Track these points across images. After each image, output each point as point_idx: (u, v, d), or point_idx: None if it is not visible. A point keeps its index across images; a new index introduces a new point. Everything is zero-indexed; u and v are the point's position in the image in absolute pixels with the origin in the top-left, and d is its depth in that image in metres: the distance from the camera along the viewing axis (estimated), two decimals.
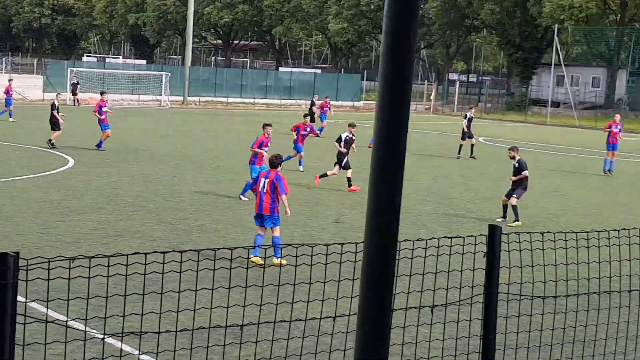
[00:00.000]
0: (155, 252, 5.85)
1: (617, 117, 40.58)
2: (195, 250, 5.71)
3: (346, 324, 6.59)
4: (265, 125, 25.17)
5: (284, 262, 14.42)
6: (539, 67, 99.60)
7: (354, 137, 29.50)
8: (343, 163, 28.59)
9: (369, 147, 43.38)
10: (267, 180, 16.67)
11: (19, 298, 4.76)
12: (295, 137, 34.33)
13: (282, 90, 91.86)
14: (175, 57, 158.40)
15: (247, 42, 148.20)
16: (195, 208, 23.02)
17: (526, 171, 23.38)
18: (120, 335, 5.61)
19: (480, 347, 5.96)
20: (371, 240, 3.59)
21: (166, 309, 6.44)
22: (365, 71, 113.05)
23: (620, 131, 38.50)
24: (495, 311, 5.92)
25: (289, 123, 61.66)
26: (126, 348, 10.35)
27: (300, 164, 33.60)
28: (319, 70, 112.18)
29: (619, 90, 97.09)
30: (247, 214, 22.35)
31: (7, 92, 53.22)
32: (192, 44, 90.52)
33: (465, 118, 43.32)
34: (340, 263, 6.60)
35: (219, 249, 5.98)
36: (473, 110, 45.96)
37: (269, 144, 25.15)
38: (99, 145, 36.65)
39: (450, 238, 6.33)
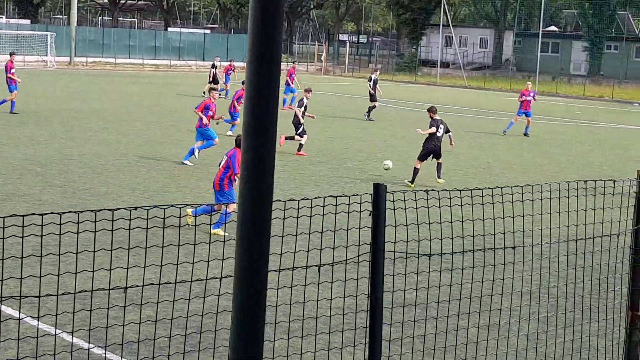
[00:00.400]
0: (51, 212, 5.78)
1: (529, 84, 40.92)
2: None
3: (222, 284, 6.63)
4: (211, 90, 25.31)
5: (220, 233, 14.71)
6: (427, 27, 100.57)
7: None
8: (300, 130, 28.27)
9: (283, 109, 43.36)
10: (225, 158, 16.69)
11: None
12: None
13: (171, 50, 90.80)
14: (61, 16, 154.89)
15: (134, 2, 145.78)
16: (83, 171, 22.71)
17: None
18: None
19: (368, 306, 6.07)
20: (245, 199, 3.62)
21: (46, 272, 6.38)
22: None
23: (534, 97, 38.76)
24: (382, 269, 6.02)
25: (179, 84, 61.26)
26: (8, 311, 10.24)
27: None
28: (208, 31, 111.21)
29: (506, 51, 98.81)
30: (136, 176, 22.18)
31: None
32: (78, 3, 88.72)
33: (370, 80, 43.67)
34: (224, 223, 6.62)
35: (117, 209, 5.93)
36: (377, 72, 46.20)
37: (214, 109, 25.23)
38: (12, 108, 36.13)
39: (336, 197, 6.40)
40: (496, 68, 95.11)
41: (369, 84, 43.37)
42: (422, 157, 23.41)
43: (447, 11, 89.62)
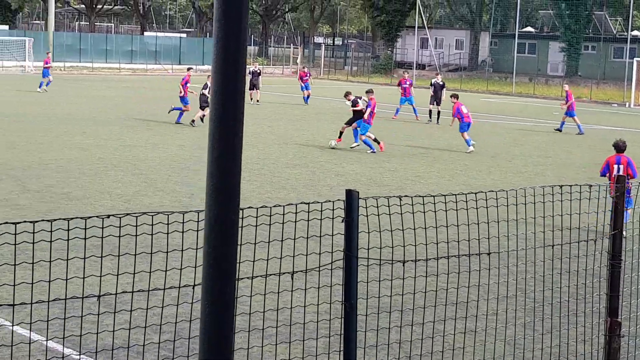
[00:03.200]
0: (25, 221, 5.87)
1: (566, 86, 43.47)
2: (64, 219, 5.74)
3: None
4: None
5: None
6: (403, 29, 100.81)
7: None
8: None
9: (393, 118, 43.69)
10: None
11: None
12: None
13: (147, 55, 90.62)
14: (39, 22, 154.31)
15: (110, 7, 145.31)
16: (61, 175, 22.73)
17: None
18: None
19: (342, 313, 6.14)
20: (212, 208, 3.71)
21: (37, 279, 6.46)
22: None
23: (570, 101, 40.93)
24: (356, 276, 6.07)
25: (156, 88, 61.14)
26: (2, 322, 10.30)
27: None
28: (184, 35, 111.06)
29: (482, 52, 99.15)
30: (113, 180, 22.23)
31: None
32: (55, 8, 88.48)
33: (432, 85, 44.42)
34: (197, 231, 6.70)
35: (89, 217, 6.02)
36: (440, 76, 46.79)
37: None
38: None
39: (308, 204, 6.47)
40: (472, 69, 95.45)
41: (431, 89, 44.33)
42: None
43: (422, 13, 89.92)
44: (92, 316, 8.72)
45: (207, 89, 38.18)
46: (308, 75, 54.55)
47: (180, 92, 37.59)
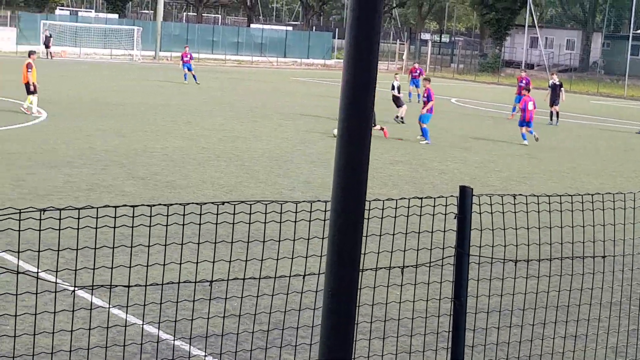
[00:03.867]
0: (125, 205, 5.85)
1: None
2: (164, 205, 5.72)
3: (316, 282, 6.63)
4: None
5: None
6: (512, 28, 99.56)
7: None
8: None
9: (510, 118, 43.21)
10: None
11: None
12: None
13: (253, 47, 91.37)
14: (147, 12, 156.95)
15: None
16: (166, 164, 22.98)
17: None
18: (91, 287, 5.61)
19: (451, 310, 6.01)
20: (338, 198, 3.61)
21: (136, 263, 6.45)
22: (337, 29, 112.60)
23: None
24: (467, 274, 5.96)
25: (261, 80, 61.61)
26: (97, 301, 10.39)
27: None
28: (290, 28, 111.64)
29: (594, 53, 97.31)
30: (216, 170, 22.37)
31: None
32: None
33: (550, 87, 43.69)
34: (309, 221, 6.62)
35: (188, 204, 5.99)
36: (556, 76, 45.28)
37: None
38: None
39: (421, 198, 6.35)
40: (583, 70, 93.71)
41: (549, 90, 43.58)
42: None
43: (532, 11, 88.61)
44: (188, 302, 8.71)
45: (396, 89, 38.43)
46: (419, 71, 51.73)
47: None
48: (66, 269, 8.17)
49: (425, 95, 31.74)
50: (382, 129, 31.98)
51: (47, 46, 70.60)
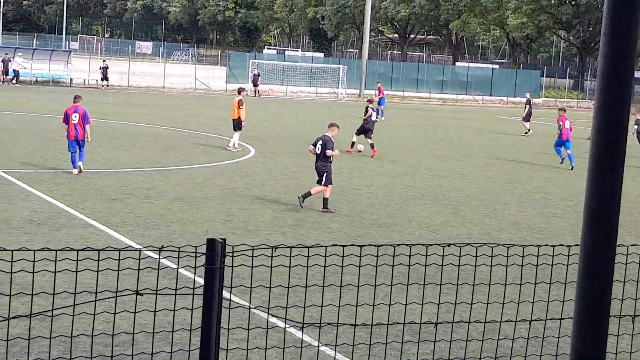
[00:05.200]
0: (335, 245, 5.88)
1: None
2: (375, 245, 5.71)
3: (527, 328, 6.44)
4: None
5: None
6: None
7: None
8: None
9: None
10: None
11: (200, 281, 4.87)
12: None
13: (458, 85, 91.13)
14: (352, 50, 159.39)
15: (423, 37, 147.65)
16: (371, 201, 23.10)
17: None
18: (301, 325, 5.65)
19: None
20: (589, 239, 3.49)
21: (345, 302, 6.47)
22: (544, 67, 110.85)
23: None
24: None
25: (466, 118, 61.28)
26: (306, 338, 10.46)
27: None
28: (496, 66, 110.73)
29: None
30: (421, 209, 22.28)
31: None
32: (369, 37, 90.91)
33: None
34: (521, 266, 6.46)
35: (398, 245, 5.95)
36: None
37: None
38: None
39: None
40: None
41: None
42: None
43: None
44: (396, 343, 8.65)
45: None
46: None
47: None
48: (277, 306, 8.27)
49: None
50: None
51: (255, 84, 72.63)
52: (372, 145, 34.13)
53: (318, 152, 21.79)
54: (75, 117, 24.64)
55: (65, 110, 25.32)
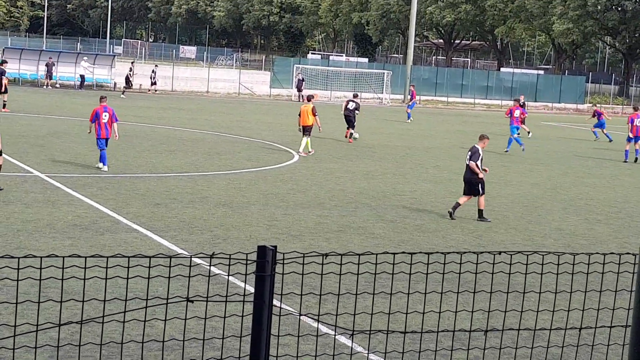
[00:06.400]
0: (385, 252, 5.86)
1: None
2: (425, 253, 5.68)
3: (577, 335, 6.36)
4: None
5: None
6: None
7: None
8: None
9: None
10: None
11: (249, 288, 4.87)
12: None
13: (503, 91, 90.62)
14: (397, 55, 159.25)
15: (468, 42, 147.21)
16: (415, 207, 23.03)
17: None
18: (351, 332, 5.63)
19: None
20: None
21: (395, 310, 6.44)
22: (590, 73, 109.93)
23: None
24: None
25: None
26: (356, 347, 10.42)
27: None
28: (541, 72, 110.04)
29: None
30: (465, 215, 22.17)
31: None
32: (414, 43, 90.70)
33: None
34: (572, 274, 6.40)
35: (448, 253, 5.92)
36: None
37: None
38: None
39: None
40: None
41: None
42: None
43: None
44: (446, 350, 8.60)
45: None
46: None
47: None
48: (327, 313, 8.25)
49: None
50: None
51: (299, 89, 72.69)
52: (351, 134, 39.68)
53: (467, 162, 21.81)
54: (106, 116, 26.11)
55: (94, 109, 26.52)
